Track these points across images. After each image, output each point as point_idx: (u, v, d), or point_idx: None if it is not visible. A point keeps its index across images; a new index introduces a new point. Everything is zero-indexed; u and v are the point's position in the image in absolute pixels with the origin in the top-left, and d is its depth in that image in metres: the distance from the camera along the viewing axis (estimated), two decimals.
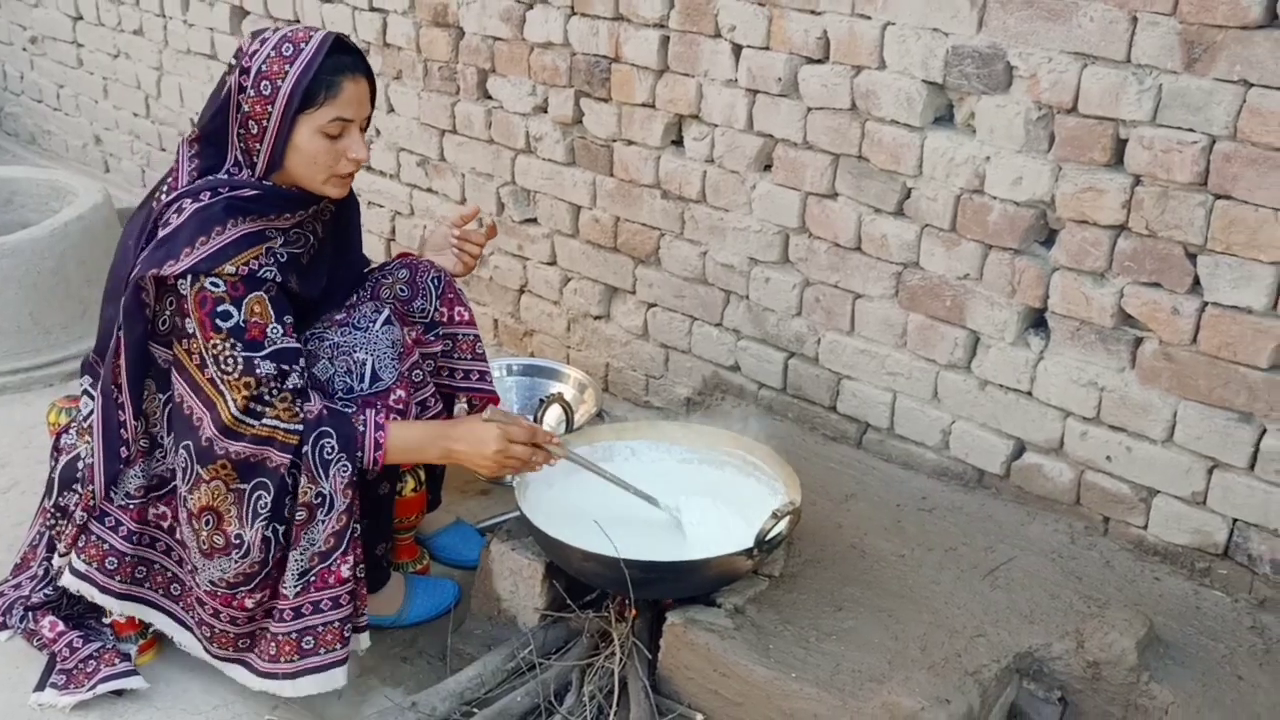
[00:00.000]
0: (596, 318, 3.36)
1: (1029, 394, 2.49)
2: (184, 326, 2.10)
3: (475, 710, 2.17)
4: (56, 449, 2.42)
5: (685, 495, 2.38)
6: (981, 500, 2.57)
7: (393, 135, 3.75)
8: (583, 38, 3.05)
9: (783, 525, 2.11)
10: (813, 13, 2.58)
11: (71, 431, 2.38)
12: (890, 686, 1.96)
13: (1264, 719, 1.98)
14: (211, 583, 2.15)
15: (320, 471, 2.10)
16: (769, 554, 2.19)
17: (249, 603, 2.15)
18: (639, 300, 3.22)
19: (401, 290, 2.45)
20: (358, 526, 2.17)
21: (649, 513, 2.33)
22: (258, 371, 2.07)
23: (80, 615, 2.41)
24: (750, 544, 2.10)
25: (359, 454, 2.12)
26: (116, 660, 2.30)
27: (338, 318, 2.32)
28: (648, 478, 2.42)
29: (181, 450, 2.14)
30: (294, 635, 2.16)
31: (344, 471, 2.11)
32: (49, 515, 2.37)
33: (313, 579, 2.14)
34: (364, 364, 2.24)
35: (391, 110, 3.72)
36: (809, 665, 2.04)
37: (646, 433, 2.57)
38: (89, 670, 2.28)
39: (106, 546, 2.23)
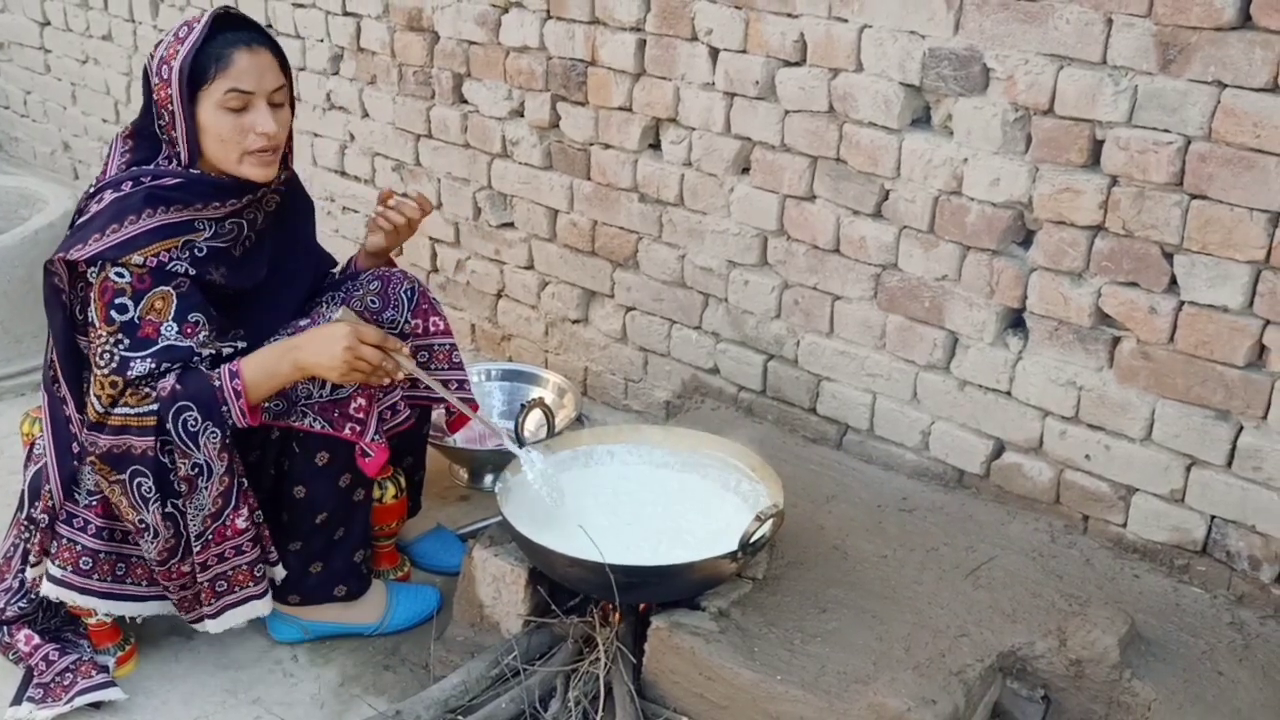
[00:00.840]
0: (575, 322, 3.35)
1: (1008, 394, 2.50)
2: (88, 315, 2.10)
3: (460, 718, 2.16)
4: (30, 459, 2.40)
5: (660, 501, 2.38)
6: (962, 500, 2.58)
7: (367, 140, 3.73)
8: (559, 41, 3.05)
9: (766, 528, 2.11)
10: (790, 16, 2.59)
11: (42, 440, 2.36)
12: (876, 687, 1.96)
13: (1244, 714, 2.00)
14: (153, 562, 2.18)
15: (190, 444, 2.07)
16: (752, 557, 2.19)
17: (185, 568, 2.19)
18: (617, 304, 3.22)
19: (373, 301, 2.43)
20: (243, 481, 2.16)
21: (632, 517, 2.33)
22: (129, 373, 2.06)
23: (57, 628, 2.38)
24: (734, 547, 2.10)
25: (225, 410, 2.08)
26: (94, 672, 2.28)
27: (301, 323, 2.29)
28: (628, 481, 2.43)
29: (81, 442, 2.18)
30: (207, 584, 2.22)
31: (214, 438, 2.08)
32: (23, 528, 2.34)
33: (210, 537, 2.16)
34: None
35: (366, 115, 3.70)
36: (794, 667, 2.04)
37: (627, 436, 2.56)
38: (66, 683, 2.25)
39: (79, 547, 2.21)
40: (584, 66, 3.02)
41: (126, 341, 2.06)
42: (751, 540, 2.10)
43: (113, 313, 2.06)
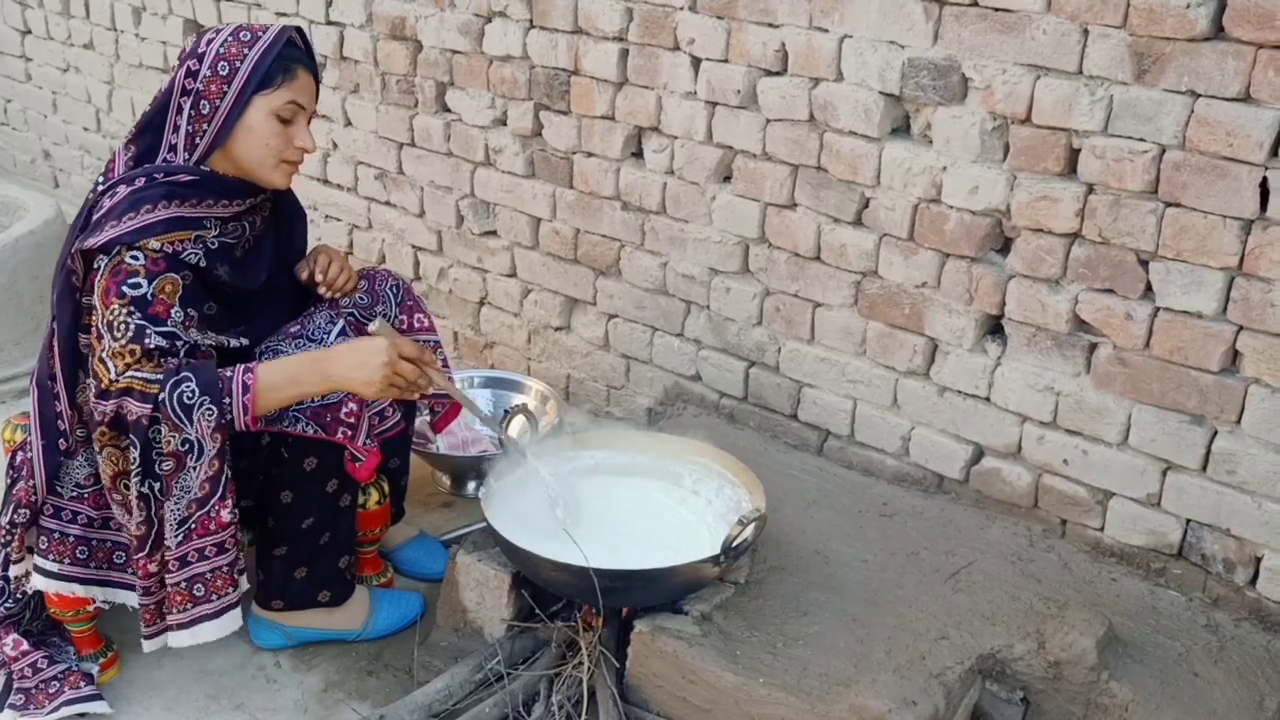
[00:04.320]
0: (557, 329, 3.37)
1: (987, 399, 2.53)
2: (91, 301, 2.09)
3: None
4: (12, 466, 2.39)
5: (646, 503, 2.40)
6: (941, 505, 2.61)
7: (350, 148, 3.74)
8: (542, 50, 3.07)
9: (748, 532, 2.13)
10: (771, 25, 2.61)
11: (27, 442, 2.35)
12: (857, 689, 1.97)
13: (1219, 714, 2.02)
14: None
15: (182, 417, 2.03)
16: (735, 561, 2.20)
17: (152, 568, 2.13)
18: (600, 311, 3.23)
19: (361, 299, 2.47)
20: (230, 470, 2.11)
21: (614, 521, 2.34)
22: (146, 342, 2.05)
23: (42, 631, 2.37)
24: (716, 551, 2.11)
25: (226, 400, 2.05)
26: (81, 683, 2.27)
27: (292, 329, 2.31)
28: (611, 486, 2.44)
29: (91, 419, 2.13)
30: (184, 585, 2.13)
31: (209, 415, 2.04)
32: (5, 532, 2.33)
33: (193, 526, 2.10)
34: None
35: (349, 124, 3.71)
36: (776, 670, 2.05)
37: (610, 442, 2.58)
38: (51, 691, 2.24)
39: (71, 539, 2.21)
40: (567, 75, 3.04)
41: (139, 314, 2.06)
42: (734, 544, 2.11)
43: (125, 288, 2.05)
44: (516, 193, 3.30)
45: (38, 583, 2.23)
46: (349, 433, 2.22)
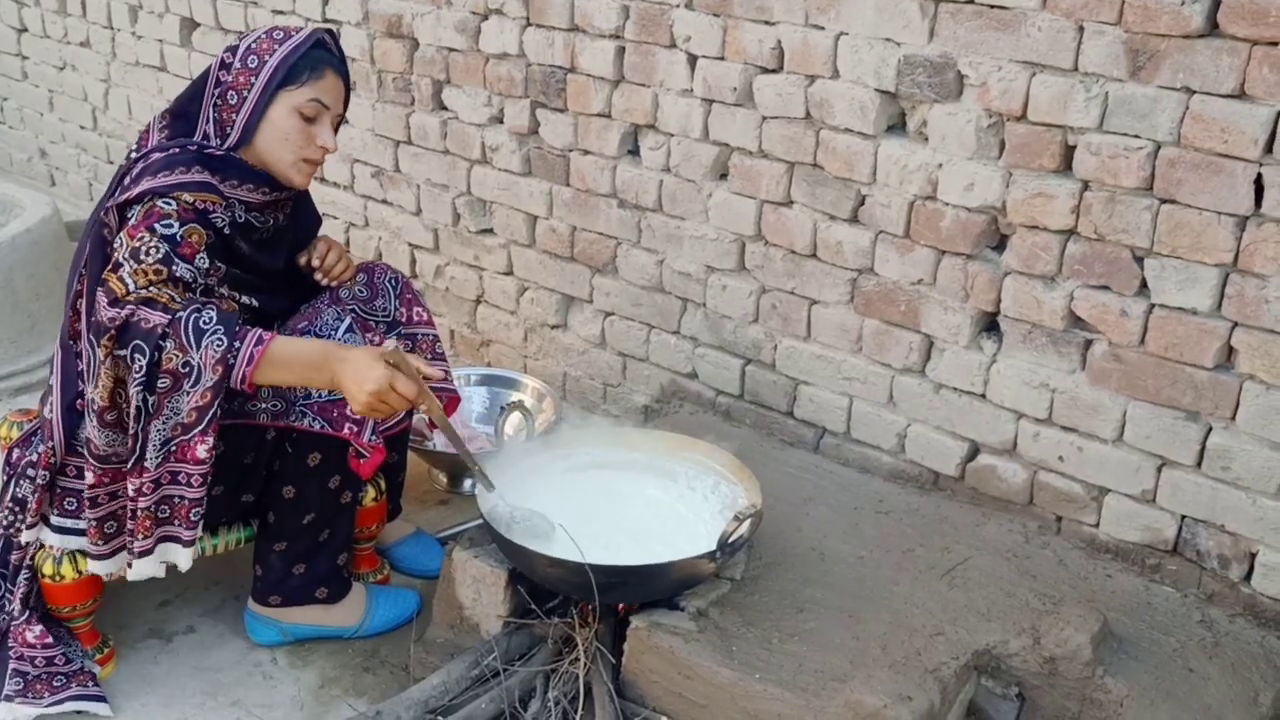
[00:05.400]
0: (554, 327, 3.37)
1: (983, 396, 2.53)
2: (121, 241, 2.08)
3: (440, 718, 2.17)
4: (9, 463, 2.39)
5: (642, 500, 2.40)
6: (937, 502, 2.61)
7: (347, 147, 3.73)
8: (538, 48, 3.07)
9: (744, 528, 2.13)
10: (767, 23, 2.62)
11: (35, 440, 2.35)
12: (853, 685, 1.98)
13: (1214, 710, 2.03)
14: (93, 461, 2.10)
15: (192, 339, 2.01)
16: (731, 557, 2.20)
17: (130, 489, 2.08)
18: (596, 309, 3.23)
19: (360, 291, 2.48)
20: (219, 414, 2.07)
21: (611, 518, 2.34)
22: (174, 268, 2.05)
23: (45, 617, 2.35)
24: (713, 547, 2.12)
25: (237, 344, 2.02)
26: (89, 682, 2.28)
27: (299, 325, 2.33)
28: (608, 483, 2.44)
29: (85, 345, 2.08)
30: (151, 508, 2.09)
31: (217, 345, 2.01)
32: (8, 510, 2.32)
33: (173, 449, 2.06)
34: None
35: (345, 122, 3.70)
36: (772, 666, 2.06)
37: (607, 439, 2.58)
38: (54, 685, 2.25)
39: (82, 496, 2.19)
40: (563, 73, 3.04)
41: (167, 246, 2.06)
42: (730, 540, 2.12)
43: (158, 226, 2.06)
44: (513, 191, 3.30)
45: (52, 539, 2.22)
46: (355, 428, 2.23)
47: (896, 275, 2.58)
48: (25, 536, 2.27)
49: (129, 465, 2.08)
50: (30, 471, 2.28)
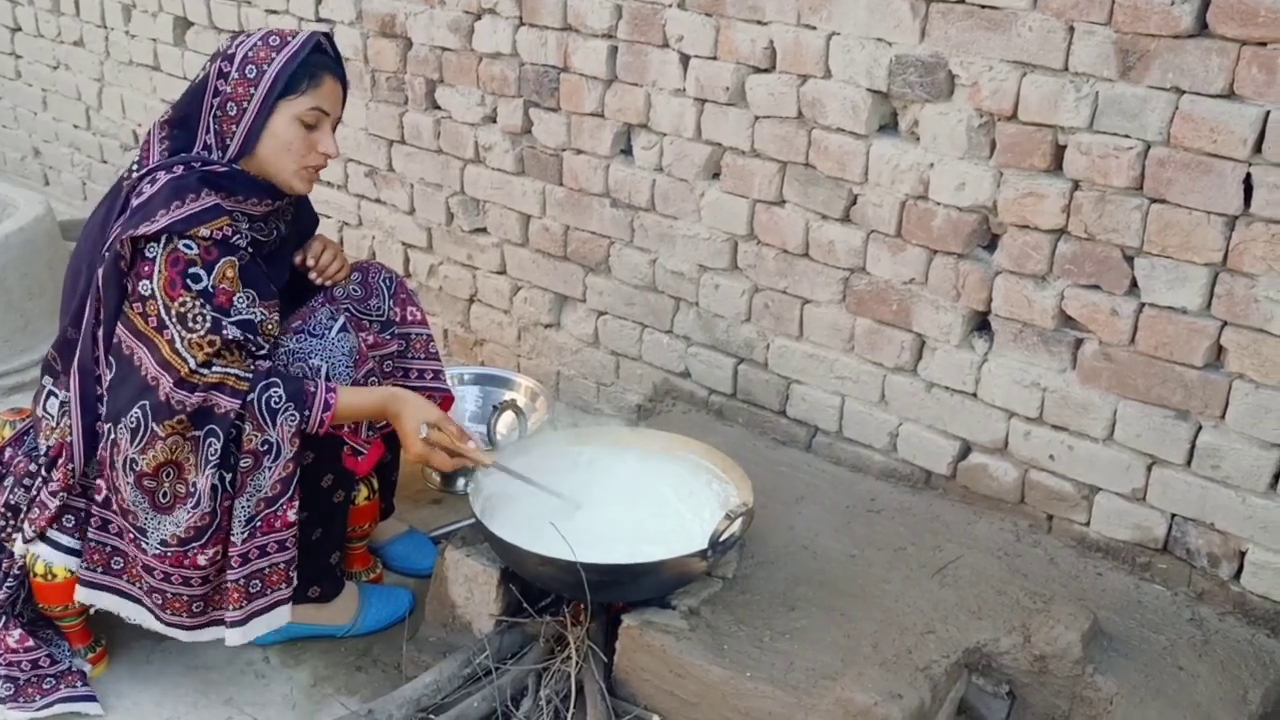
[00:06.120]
0: (547, 326, 3.37)
1: (974, 395, 2.54)
2: (139, 290, 2.09)
3: (432, 717, 2.17)
4: (1, 462, 2.39)
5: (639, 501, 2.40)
6: (929, 501, 2.62)
7: (340, 146, 3.72)
8: (531, 48, 3.07)
9: (736, 527, 2.14)
10: (759, 23, 2.62)
11: (28, 440, 2.35)
12: (844, 683, 1.98)
13: (1203, 708, 2.04)
14: (163, 543, 2.11)
15: (267, 419, 2.10)
16: (722, 556, 2.21)
17: (201, 560, 2.12)
18: (589, 308, 3.24)
19: (355, 290, 2.48)
20: (298, 472, 2.16)
21: (603, 516, 2.35)
22: (224, 333, 2.08)
23: (33, 620, 2.36)
24: (704, 546, 2.12)
25: (307, 412, 2.13)
26: (77, 682, 2.28)
27: (293, 325, 2.32)
28: (599, 482, 2.44)
29: (135, 411, 2.08)
30: (242, 581, 2.16)
31: (291, 421, 2.11)
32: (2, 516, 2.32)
33: (259, 524, 2.14)
34: (319, 370, 2.24)
35: (339, 121, 3.70)
36: (763, 664, 2.06)
37: (599, 437, 2.58)
38: (44, 687, 2.25)
39: (96, 519, 2.20)
40: (556, 73, 3.05)
41: (209, 306, 2.08)
42: (721, 539, 2.12)
43: (189, 281, 2.08)
44: (506, 190, 3.31)
45: (49, 556, 2.22)
46: (351, 426, 2.23)
47: (888, 274, 2.59)
48: (18, 549, 2.28)
49: (204, 539, 2.11)
50: (26, 481, 2.28)
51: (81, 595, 2.20)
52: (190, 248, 2.09)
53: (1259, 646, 2.18)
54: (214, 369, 2.08)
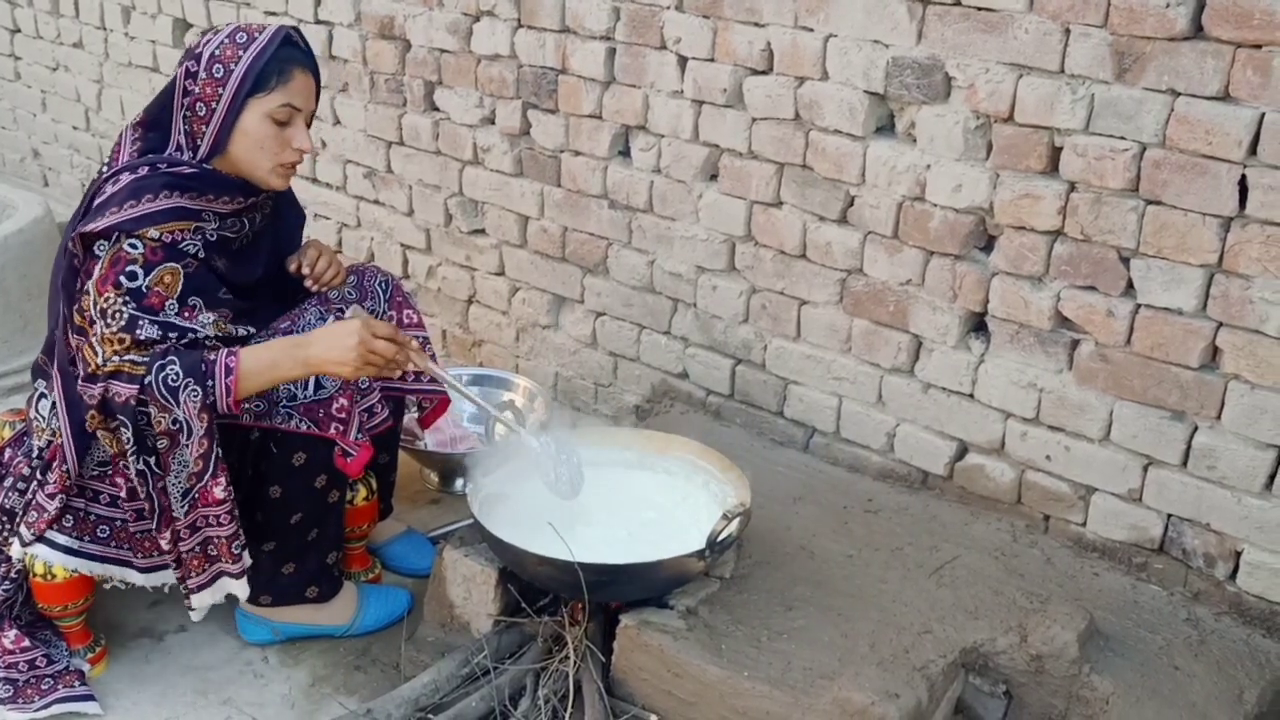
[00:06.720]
0: (545, 327, 3.38)
1: (971, 396, 2.55)
2: (84, 287, 2.10)
3: (430, 717, 2.18)
4: (1, 463, 2.40)
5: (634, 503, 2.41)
6: (926, 501, 2.62)
7: (339, 147, 3.74)
8: (530, 50, 3.08)
9: (733, 527, 2.14)
10: (756, 25, 2.63)
11: (27, 440, 2.36)
12: (841, 683, 1.99)
13: (1199, 707, 2.04)
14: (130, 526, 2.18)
15: (169, 398, 2.05)
16: (720, 556, 2.21)
17: (163, 542, 2.16)
18: (587, 309, 3.25)
19: (350, 293, 2.48)
20: (220, 451, 2.13)
21: (601, 517, 2.35)
22: (137, 332, 2.07)
23: (31, 621, 2.37)
24: (702, 546, 2.13)
25: (210, 382, 2.07)
26: (75, 682, 2.29)
27: (282, 325, 2.32)
28: (598, 482, 2.45)
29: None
30: (198, 548, 2.18)
31: (194, 397, 2.06)
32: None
33: (195, 496, 2.13)
34: None
35: (338, 123, 3.72)
36: (761, 664, 2.07)
37: (597, 438, 2.59)
38: (43, 688, 2.25)
39: (93, 518, 2.24)
40: (554, 74, 3.05)
41: (134, 304, 2.08)
42: (719, 539, 2.13)
43: (122, 278, 2.08)
44: (504, 191, 3.31)
45: (49, 556, 2.23)
46: (340, 428, 2.23)
47: (885, 276, 2.60)
48: (15, 552, 2.28)
49: (154, 526, 2.14)
50: (20, 485, 2.29)
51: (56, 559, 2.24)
52: (136, 247, 2.09)
53: (1255, 646, 2.19)
54: (113, 360, 2.06)
